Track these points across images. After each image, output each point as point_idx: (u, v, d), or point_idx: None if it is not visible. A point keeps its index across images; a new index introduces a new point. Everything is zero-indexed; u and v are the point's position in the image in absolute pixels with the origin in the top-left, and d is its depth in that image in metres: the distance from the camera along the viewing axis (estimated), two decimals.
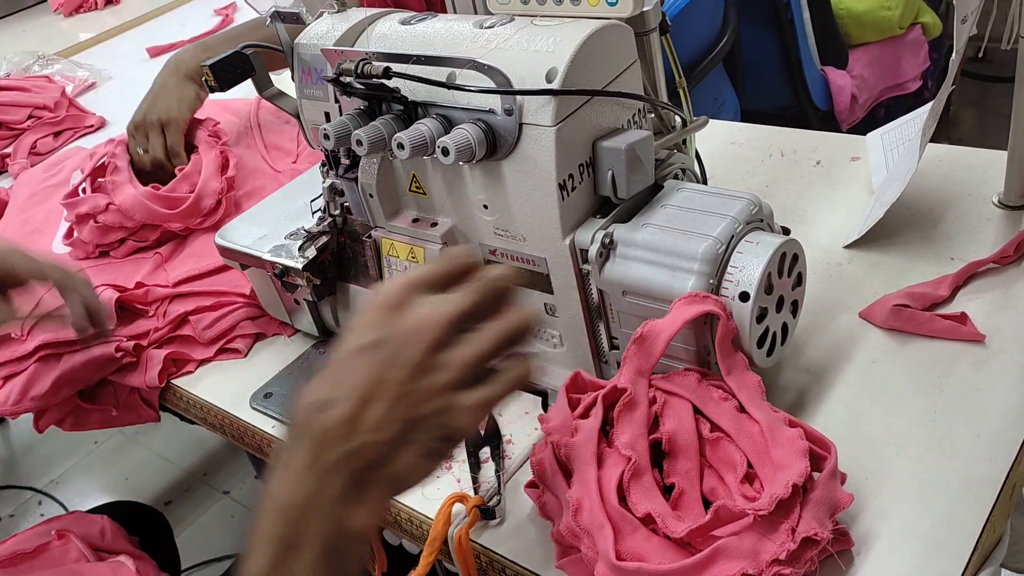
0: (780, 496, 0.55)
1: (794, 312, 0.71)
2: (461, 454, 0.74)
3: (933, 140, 0.85)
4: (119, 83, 1.79)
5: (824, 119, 1.85)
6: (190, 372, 0.94)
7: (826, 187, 0.95)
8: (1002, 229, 0.83)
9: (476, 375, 0.49)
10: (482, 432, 0.73)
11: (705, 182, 0.84)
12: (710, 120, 0.92)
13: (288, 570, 0.47)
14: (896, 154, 0.92)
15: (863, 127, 1.93)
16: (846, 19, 1.82)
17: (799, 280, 0.70)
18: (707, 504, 0.59)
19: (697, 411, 0.63)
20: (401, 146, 0.67)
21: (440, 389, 0.48)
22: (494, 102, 0.67)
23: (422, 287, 0.51)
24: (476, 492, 0.70)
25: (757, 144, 1.05)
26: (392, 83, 0.70)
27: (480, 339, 0.50)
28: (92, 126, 1.59)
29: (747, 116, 1.79)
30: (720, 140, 1.07)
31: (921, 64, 1.94)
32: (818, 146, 1.02)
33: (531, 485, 0.66)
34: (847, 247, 0.85)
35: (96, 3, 2.31)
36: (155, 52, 1.88)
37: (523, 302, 0.53)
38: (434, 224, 0.76)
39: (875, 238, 0.85)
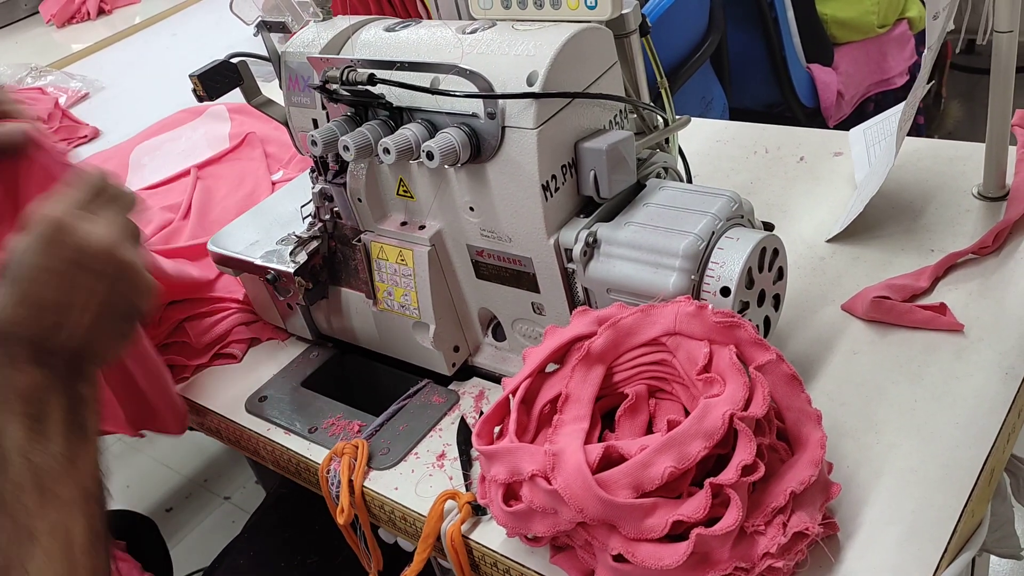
0: (778, 506, 0.56)
1: (776, 306, 0.72)
2: (452, 451, 0.75)
3: (924, 133, 0.87)
4: (112, 93, 1.81)
5: (811, 116, 1.86)
6: (186, 378, 0.95)
7: (809, 182, 0.96)
8: (981, 220, 0.84)
9: None
10: (473, 429, 0.74)
11: (690, 180, 0.85)
12: (696, 119, 0.94)
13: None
14: (878, 149, 0.93)
15: (851, 123, 1.92)
16: (831, 23, 1.84)
17: (780, 274, 0.71)
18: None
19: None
20: (387, 151, 0.69)
21: None
22: (477, 106, 0.68)
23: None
24: (467, 488, 0.71)
25: (742, 142, 1.06)
26: (377, 89, 0.71)
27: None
28: (86, 137, 1.60)
29: (735, 114, 1.80)
30: (706, 138, 1.08)
31: (908, 59, 1.96)
32: (802, 142, 1.03)
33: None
34: (829, 241, 0.86)
35: (88, 14, 2.32)
36: None
37: None
38: (422, 227, 0.78)
39: (857, 232, 0.86)
